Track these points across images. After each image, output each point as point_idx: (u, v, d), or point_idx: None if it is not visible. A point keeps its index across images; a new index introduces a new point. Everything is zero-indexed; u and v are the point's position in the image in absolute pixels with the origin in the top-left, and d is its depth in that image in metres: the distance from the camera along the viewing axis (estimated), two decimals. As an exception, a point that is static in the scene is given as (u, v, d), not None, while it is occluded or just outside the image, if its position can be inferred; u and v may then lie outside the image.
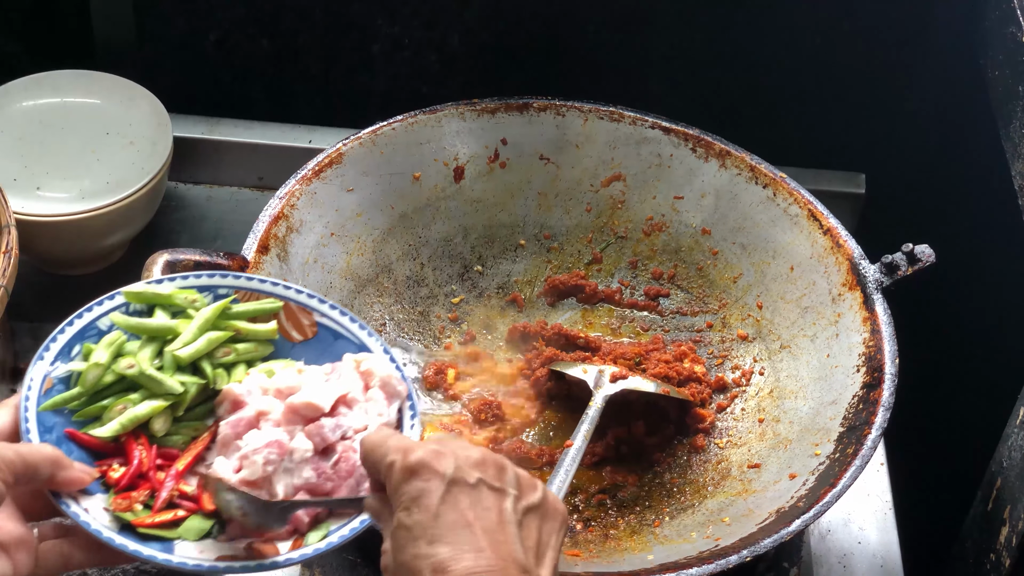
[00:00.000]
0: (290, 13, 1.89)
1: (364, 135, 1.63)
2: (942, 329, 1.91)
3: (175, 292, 1.23)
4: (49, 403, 1.15)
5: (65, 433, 1.15)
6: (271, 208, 1.54)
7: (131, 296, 1.22)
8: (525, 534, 1.04)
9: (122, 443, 1.16)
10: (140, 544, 1.09)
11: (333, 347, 1.24)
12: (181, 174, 1.88)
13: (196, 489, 1.14)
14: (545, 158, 1.69)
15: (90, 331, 1.20)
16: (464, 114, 1.67)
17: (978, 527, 1.48)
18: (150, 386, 1.17)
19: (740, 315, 1.63)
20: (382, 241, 1.64)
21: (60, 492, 1.10)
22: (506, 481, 1.06)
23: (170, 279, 1.24)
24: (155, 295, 1.22)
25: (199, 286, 1.24)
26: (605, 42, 1.88)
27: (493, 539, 1.02)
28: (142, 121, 1.77)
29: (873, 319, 1.49)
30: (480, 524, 1.02)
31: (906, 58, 1.84)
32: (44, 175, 1.71)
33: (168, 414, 1.17)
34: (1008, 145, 1.49)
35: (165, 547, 1.10)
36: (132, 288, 1.22)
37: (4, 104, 1.77)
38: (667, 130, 1.67)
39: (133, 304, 1.22)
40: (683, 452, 1.53)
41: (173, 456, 1.16)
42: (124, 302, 1.22)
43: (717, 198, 1.66)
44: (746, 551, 1.30)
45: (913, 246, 1.50)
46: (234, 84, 1.96)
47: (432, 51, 1.90)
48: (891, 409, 1.41)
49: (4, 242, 1.51)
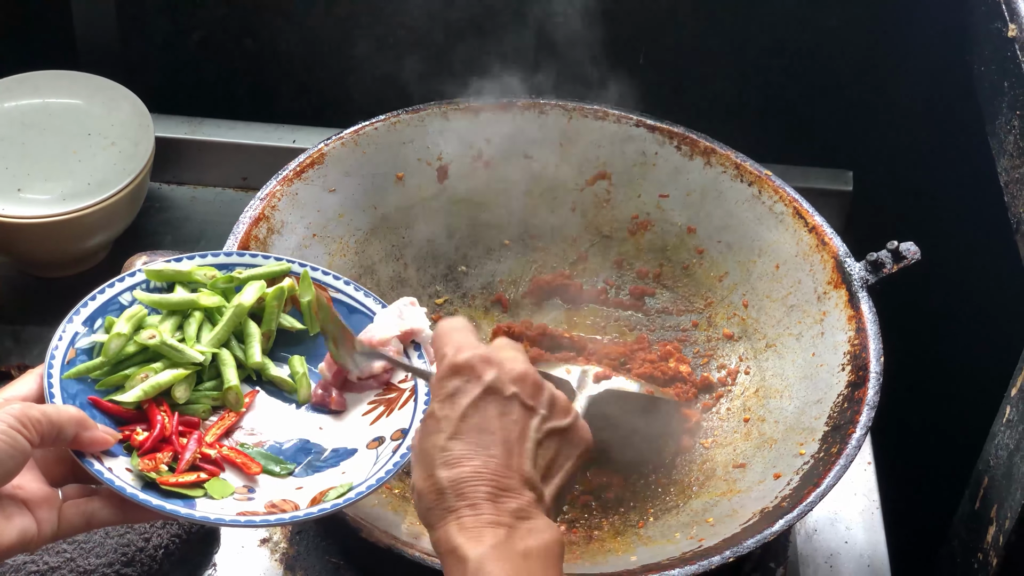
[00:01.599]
0: (273, 12, 1.88)
1: (346, 135, 1.62)
2: (929, 327, 1.90)
3: (194, 269, 1.30)
4: (73, 371, 1.20)
5: (88, 400, 1.19)
6: (251, 209, 1.53)
7: (152, 274, 1.29)
8: (541, 452, 1.11)
9: (144, 410, 1.21)
10: (163, 500, 1.14)
11: (349, 320, 1.31)
12: (164, 175, 1.87)
13: (218, 454, 1.20)
14: (529, 157, 1.68)
15: (112, 306, 1.26)
16: (447, 113, 1.66)
17: (965, 526, 1.47)
18: (171, 356, 1.24)
19: (726, 314, 1.62)
20: (365, 242, 1.63)
21: (84, 452, 1.13)
22: (540, 401, 1.12)
23: (189, 257, 1.31)
24: (175, 272, 1.30)
25: (217, 264, 1.31)
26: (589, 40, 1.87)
27: (508, 448, 1.09)
28: (124, 122, 1.76)
29: (858, 317, 1.48)
30: (501, 433, 1.10)
31: (893, 54, 1.83)
32: (25, 176, 1.71)
33: (189, 382, 1.24)
34: (994, 141, 1.48)
35: (187, 503, 1.15)
36: (152, 266, 1.29)
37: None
38: (652, 128, 1.66)
39: (153, 282, 1.29)
40: (668, 452, 1.52)
41: (193, 423, 1.23)
42: (144, 279, 1.28)
43: (702, 196, 1.65)
44: (729, 552, 1.29)
45: (898, 243, 1.49)
46: (217, 84, 1.96)
47: (417, 50, 1.89)
48: (876, 408, 1.40)
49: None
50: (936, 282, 1.66)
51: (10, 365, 1.63)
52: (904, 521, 1.63)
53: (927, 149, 1.89)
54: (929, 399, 1.90)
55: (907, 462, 1.80)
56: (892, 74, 1.85)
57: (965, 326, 1.87)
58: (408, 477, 1.48)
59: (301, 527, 1.48)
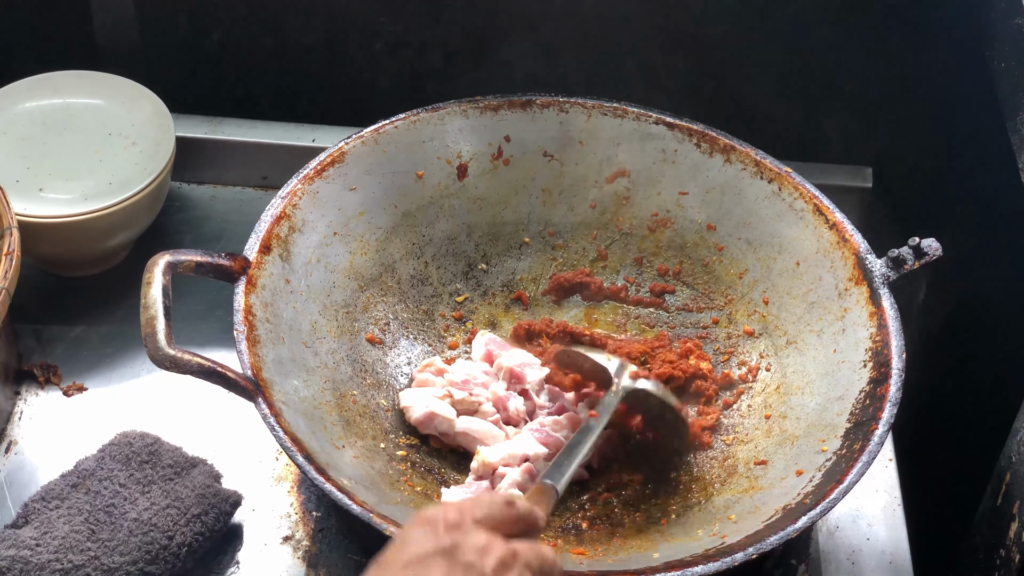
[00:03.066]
0: (292, 12, 1.88)
1: (366, 134, 1.62)
2: (950, 323, 1.90)
3: None
4: None
5: None
6: (273, 208, 1.54)
7: None
8: None
9: None
10: None
11: None
12: (184, 174, 1.88)
13: None
14: (549, 155, 1.68)
15: None
16: (467, 112, 1.66)
17: (987, 522, 1.47)
18: None
19: (746, 311, 1.62)
20: (385, 240, 1.63)
21: None
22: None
23: None
24: None
25: None
26: (606, 38, 1.87)
27: None
28: (145, 121, 1.77)
29: (880, 314, 1.48)
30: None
31: (911, 50, 1.83)
32: (47, 176, 1.71)
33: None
34: (1015, 137, 1.48)
35: None
36: None
37: (6, 105, 1.77)
38: (671, 126, 1.66)
39: None
40: (689, 449, 1.52)
41: None
42: None
43: (722, 193, 1.65)
44: (752, 548, 1.29)
45: (920, 240, 1.49)
46: (237, 83, 1.96)
47: (435, 48, 1.89)
48: (898, 404, 1.40)
49: (6, 244, 1.51)
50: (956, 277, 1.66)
51: (33, 364, 1.63)
52: (926, 517, 1.63)
53: (946, 145, 1.88)
54: (950, 395, 1.90)
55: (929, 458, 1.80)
56: (911, 70, 1.84)
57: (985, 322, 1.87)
58: (430, 475, 1.49)
59: (324, 526, 1.49)
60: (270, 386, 1.39)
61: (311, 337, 1.51)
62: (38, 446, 1.56)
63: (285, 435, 1.34)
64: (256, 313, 1.45)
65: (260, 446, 1.55)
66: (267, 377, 1.39)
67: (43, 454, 1.55)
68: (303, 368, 1.47)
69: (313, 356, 1.50)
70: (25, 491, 1.49)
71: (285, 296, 1.50)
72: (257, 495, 1.52)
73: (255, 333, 1.42)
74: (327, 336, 1.54)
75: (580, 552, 1.39)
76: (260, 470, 1.55)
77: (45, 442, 1.57)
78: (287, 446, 1.33)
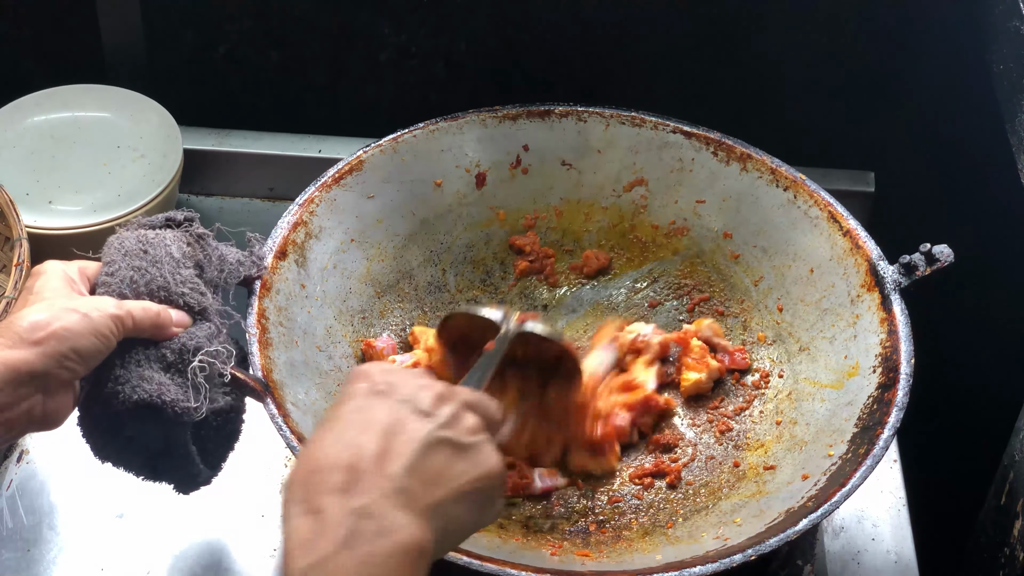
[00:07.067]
0: (298, 24, 1.91)
1: (385, 142, 1.64)
2: (953, 324, 1.89)
3: None
4: None
5: None
6: (290, 214, 1.56)
7: None
8: (429, 458, 1.05)
9: None
10: None
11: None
12: (192, 186, 1.91)
13: None
14: (567, 164, 1.70)
15: None
16: (485, 121, 1.68)
17: (991, 521, 1.47)
18: None
19: (760, 318, 1.62)
20: (403, 247, 1.65)
21: None
22: (440, 410, 1.08)
23: None
24: None
25: None
26: (612, 46, 1.88)
27: (384, 444, 1.03)
28: (152, 134, 1.80)
29: (891, 320, 1.48)
30: (380, 429, 1.04)
31: (910, 54, 1.83)
32: (56, 189, 1.74)
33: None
34: (1014, 139, 1.47)
35: None
36: None
37: (16, 119, 1.81)
38: (688, 134, 1.67)
39: None
40: (700, 455, 1.53)
41: None
42: None
43: (739, 201, 1.65)
44: (751, 550, 1.29)
45: (931, 246, 1.49)
46: (243, 95, 1.99)
47: (439, 59, 1.91)
48: (904, 409, 1.40)
49: (16, 255, 1.54)
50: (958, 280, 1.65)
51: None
52: (930, 517, 1.62)
53: (946, 148, 1.88)
54: (954, 395, 1.89)
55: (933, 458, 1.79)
56: (910, 74, 1.84)
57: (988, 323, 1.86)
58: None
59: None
60: (280, 387, 1.41)
61: (325, 341, 1.53)
62: (50, 454, 1.58)
63: (292, 435, 1.35)
64: (269, 316, 1.47)
65: (269, 451, 1.57)
66: (277, 379, 1.41)
67: (55, 462, 1.58)
68: (316, 371, 1.49)
69: (327, 360, 1.52)
70: (37, 499, 1.52)
71: (300, 301, 1.52)
72: (265, 501, 1.54)
73: (267, 336, 1.45)
74: (342, 340, 1.56)
75: (584, 554, 1.40)
76: (268, 476, 1.57)
77: (57, 450, 1.58)
78: (294, 446, 1.35)
